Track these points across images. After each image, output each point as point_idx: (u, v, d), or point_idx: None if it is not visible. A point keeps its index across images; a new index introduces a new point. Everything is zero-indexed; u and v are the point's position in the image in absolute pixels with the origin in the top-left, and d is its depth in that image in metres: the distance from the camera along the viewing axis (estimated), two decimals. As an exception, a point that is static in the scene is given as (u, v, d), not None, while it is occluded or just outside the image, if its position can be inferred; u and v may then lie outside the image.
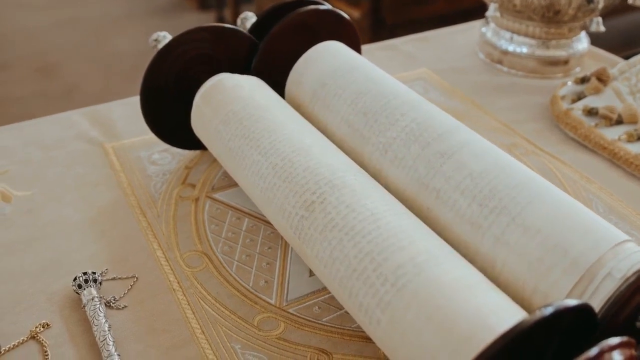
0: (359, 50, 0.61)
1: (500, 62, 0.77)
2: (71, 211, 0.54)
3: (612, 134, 0.62)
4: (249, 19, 0.60)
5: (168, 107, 0.56)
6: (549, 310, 0.28)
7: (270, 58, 0.57)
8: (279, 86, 0.57)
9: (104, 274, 0.47)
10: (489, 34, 0.78)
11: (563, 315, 0.29)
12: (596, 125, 0.63)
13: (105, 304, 0.45)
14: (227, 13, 2.54)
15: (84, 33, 2.49)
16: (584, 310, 0.31)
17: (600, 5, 0.70)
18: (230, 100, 0.51)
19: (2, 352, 0.41)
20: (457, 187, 0.41)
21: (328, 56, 0.54)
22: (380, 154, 0.46)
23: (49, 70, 2.23)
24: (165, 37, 0.57)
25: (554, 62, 0.75)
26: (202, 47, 0.55)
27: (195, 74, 0.54)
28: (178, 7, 2.78)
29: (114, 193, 0.56)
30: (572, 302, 0.30)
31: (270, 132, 0.47)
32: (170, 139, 0.58)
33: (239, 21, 0.61)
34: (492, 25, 0.78)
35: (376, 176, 0.47)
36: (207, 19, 2.64)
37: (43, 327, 0.43)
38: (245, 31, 0.57)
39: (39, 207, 0.54)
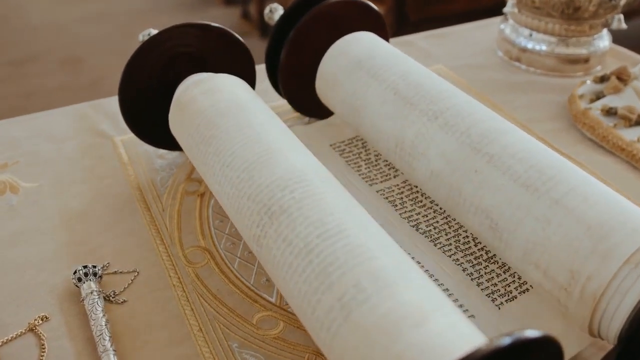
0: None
1: (518, 59, 0.75)
2: (77, 203, 0.54)
3: (631, 135, 0.60)
4: (276, 11, 0.59)
5: (150, 105, 0.54)
6: (506, 341, 0.26)
7: (298, 50, 0.56)
8: (303, 78, 0.56)
9: (105, 268, 0.47)
10: (508, 31, 0.77)
11: (524, 347, 0.27)
12: (615, 125, 0.61)
13: (105, 298, 0.44)
14: (252, 8, 2.53)
15: (110, 27, 2.51)
16: (547, 342, 0.28)
17: (622, 1, 0.68)
18: (199, 108, 0.48)
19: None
20: (513, 156, 0.42)
21: (371, 39, 0.55)
22: (428, 118, 0.47)
23: (75, 63, 2.25)
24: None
25: (574, 60, 0.73)
26: (188, 44, 0.53)
27: (180, 73, 0.53)
28: (203, 2, 2.78)
29: (121, 186, 0.56)
30: (533, 333, 0.27)
31: (233, 141, 0.44)
32: (152, 139, 0.56)
33: (266, 13, 0.60)
34: (510, 22, 0.76)
35: (417, 138, 0.47)
36: (232, 14, 2.63)
37: (42, 319, 0.43)
38: (237, 35, 0.55)
39: (45, 199, 0.54)
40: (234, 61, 0.55)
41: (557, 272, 0.37)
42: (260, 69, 0.58)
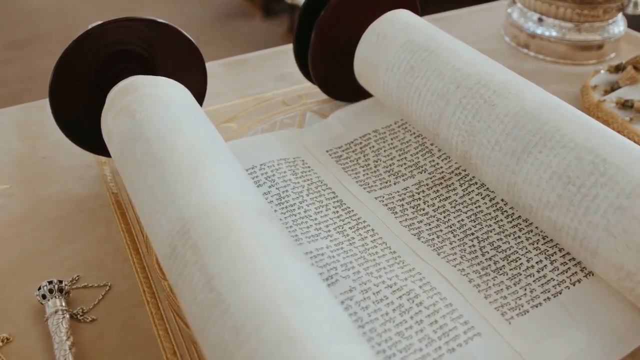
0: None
1: (526, 46, 0.71)
2: (49, 208, 0.50)
3: (649, 130, 0.55)
4: None
5: (88, 108, 0.49)
6: None
7: (330, 30, 0.54)
8: (335, 60, 0.54)
9: (74, 281, 0.43)
10: (515, 15, 0.72)
11: None
12: (631, 119, 0.56)
13: (72, 316, 0.41)
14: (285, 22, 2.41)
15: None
16: None
17: (640, -16, 0.63)
18: (116, 131, 0.44)
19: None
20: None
21: (413, 17, 0.54)
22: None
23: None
24: None
25: (587, 47, 0.68)
26: (134, 41, 0.48)
27: (119, 73, 0.48)
28: (241, 15, 2.62)
29: (97, 189, 0.52)
30: None
31: (158, 161, 0.39)
32: (93, 146, 0.51)
33: None
34: (518, 5, 0.72)
35: (510, 82, 0.45)
36: (272, 27, 2.48)
37: (3, 341, 0.39)
38: (189, 36, 0.50)
39: (14, 203, 0.50)
40: (182, 61, 0.51)
41: None
42: (282, 51, 0.54)
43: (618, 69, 0.63)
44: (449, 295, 0.40)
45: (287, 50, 0.54)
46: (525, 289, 0.40)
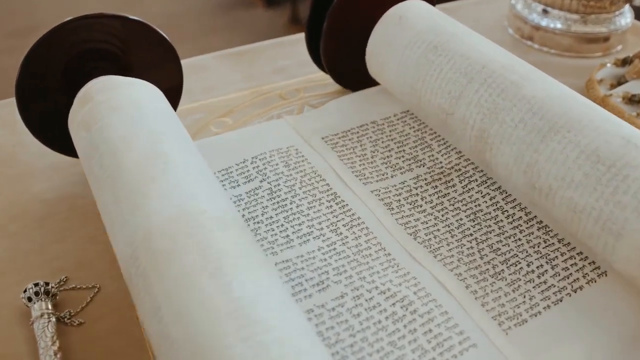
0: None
1: (531, 38, 0.69)
2: (37, 204, 0.48)
3: (656, 126, 0.54)
4: None
5: (57, 109, 0.47)
6: None
7: (343, 19, 0.54)
8: (349, 49, 0.55)
9: (62, 283, 0.42)
10: (519, 7, 0.70)
11: None
12: (638, 115, 0.55)
13: (59, 319, 0.39)
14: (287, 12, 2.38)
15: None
16: None
17: (648, -25, 0.61)
18: (81, 137, 0.42)
19: None
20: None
21: (427, 7, 0.53)
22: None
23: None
24: None
25: (593, 40, 0.67)
26: (105, 39, 0.47)
27: (89, 72, 0.46)
28: (242, 4, 2.55)
29: (86, 188, 0.49)
30: None
31: (120, 167, 0.38)
32: (61, 147, 0.50)
33: None
34: (523, -4, 0.70)
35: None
36: (274, 17, 2.44)
37: (-13, 345, 0.38)
38: (160, 31, 0.48)
39: (0, 201, 0.49)
40: (156, 59, 0.49)
41: None
42: (280, 43, 0.52)
43: (625, 62, 0.61)
44: (444, 302, 0.38)
45: (285, 42, 0.53)
46: (525, 296, 0.39)
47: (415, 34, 0.50)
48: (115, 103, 0.42)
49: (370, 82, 0.57)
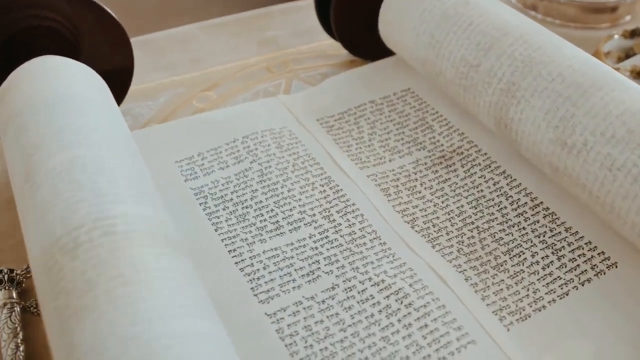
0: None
1: (534, 8, 0.66)
2: (3, 187, 0.45)
3: (666, 102, 0.51)
4: None
5: None
6: None
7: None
8: (360, 14, 0.53)
9: (29, 270, 0.39)
10: (523, -26, 0.67)
11: None
12: (647, 90, 0.52)
13: (24, 309, 0.37)
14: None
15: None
16: None
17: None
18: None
19: None
20: None
21: None
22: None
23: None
24: None
25: (599, 9, 0.64)
26: (45, 17, 0.43)
27: (31, 51, 0.42)
28: None
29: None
30: None
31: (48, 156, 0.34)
32: None
33: None
34: (526, -37, 0.67)
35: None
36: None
37: (-54, 337, 0.36)
38: (109, 11, 0.45)
39: (-31, 180, 0.46)
40: (105, 41, 0.46)
41: None
42: (266, 13, 0.49)
43: (634, 34, 0.59)
44: (442, 295, 0.36)
45: (272, 12, 0.50)
46: (528, 289, 0.36)
47: (413, 38, 0.47)
48: (19, 100, 0.38)
49: (383, 53, 0.54)
